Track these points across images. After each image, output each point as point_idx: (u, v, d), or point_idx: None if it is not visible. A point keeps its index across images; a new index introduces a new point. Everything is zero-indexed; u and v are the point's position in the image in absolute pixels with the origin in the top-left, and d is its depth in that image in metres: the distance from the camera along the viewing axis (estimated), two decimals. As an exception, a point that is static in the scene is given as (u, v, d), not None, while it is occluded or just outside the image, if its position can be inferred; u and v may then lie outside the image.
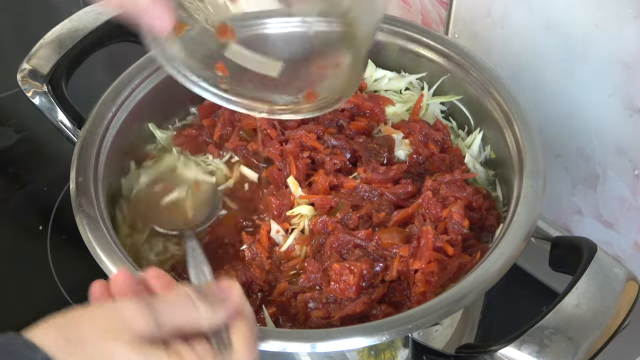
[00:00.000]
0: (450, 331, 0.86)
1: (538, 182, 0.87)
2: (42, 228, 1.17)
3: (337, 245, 0.88)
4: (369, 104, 1.03)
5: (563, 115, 1.05)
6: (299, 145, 0.98)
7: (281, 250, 0.91)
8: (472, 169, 0.99)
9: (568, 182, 1.11)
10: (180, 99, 1.10)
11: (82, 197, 0.87)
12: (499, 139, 0.97)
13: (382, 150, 0.98)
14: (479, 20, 1.08)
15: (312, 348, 0.74)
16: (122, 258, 0.82)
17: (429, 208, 0.90)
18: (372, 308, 0.83)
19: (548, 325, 0.76)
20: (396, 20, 1.07)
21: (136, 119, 1.02)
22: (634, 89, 0.94)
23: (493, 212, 0.94)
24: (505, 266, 0.80)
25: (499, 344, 0.76)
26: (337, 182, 0.95)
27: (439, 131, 1.00)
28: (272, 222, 0.93)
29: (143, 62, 1.03)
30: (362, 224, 0.91)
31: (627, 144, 1.00)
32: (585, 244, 0.83)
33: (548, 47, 1.01)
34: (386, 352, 0.81)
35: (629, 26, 0.90)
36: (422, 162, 0.98)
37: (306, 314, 0.85)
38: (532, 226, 0.83)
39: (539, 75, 1.05)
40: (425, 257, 0.84)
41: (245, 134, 1.02)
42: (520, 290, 1.10)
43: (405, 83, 1.09)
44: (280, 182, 0.97)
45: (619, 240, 1.09)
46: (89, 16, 1.06)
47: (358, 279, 0.84)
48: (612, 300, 0.77)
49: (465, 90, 1.03)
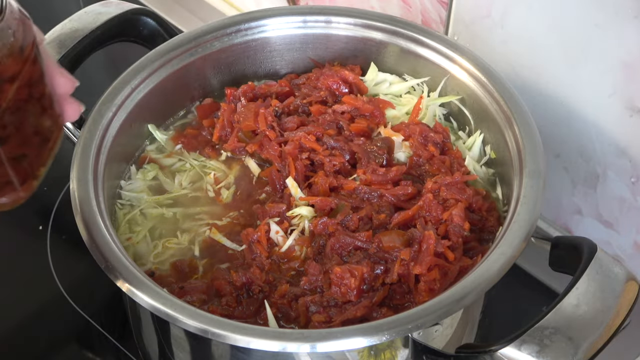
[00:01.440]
0: (450, 331, 0.86)
1: (538, 182, 0.87)
2: (42, 228, 1.17)
3: (338, 247, 0.88)
4: (368, 106, 1.03)
5: (563, 115, 1.05)
6: (298, 146, 0.98)
7: (281, 250, 0.91)
8: (472, 171, 0.98)
9: (568, 182, 1.11)
10: (180, 98, 1.10)
11: (82, 197, 0.87)
12: (499, 139, 0.97)
13: (381, 152, 0.98)
14: (479, 21, 1.08)
15: (312, 348, 0.74)
16: (122, 258, 0.82)
17: (430, 210, 0.90)
18: (373, 311, 0.83)
19: (548, 325, 0.76)
20: (396, 20, 1.07)
21: (136, 119, 1.02)
22: (634, 89, 0.94)
23: (493, 213, 0.94)
24: (505, 266, 0.80)
25: (499, 344, 0.76)
26: (336, 183, 0.95)
27: (438, 133, 1.00)
28: (272, 222, 0.93)
29: (143, 62, 1.03)
30: (362, 225, 0.91)
31: (627, 144, 1.00)
32: (585, 244, 0.83)
33: (548, 47, 1.01)
34: (386, 352, 0.81)
35: (629, 26, 0.90)
36: (422, 164, 0.98)
37: (307, 317, 0.85)
38: (532, 226, 0.83)
39: (539, 75, 1.05)
40: (426, 262, 0.84)
41: (244, 135, 1.02)
42: (520, 290, 1.10)
43: (406, 88, 1.09)
44: (278, 184, 0.97)
45: (619, 240, 1.09)
46: (89, 16, 1.06)
47: (359, 282, 0.84)
48: (612, 300, 0.78)
49: (465, 91, 1.03)
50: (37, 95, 0.67)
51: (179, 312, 0.77)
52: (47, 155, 0.72)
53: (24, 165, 0.70)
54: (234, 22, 1.08)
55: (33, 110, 0.68)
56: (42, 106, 0.69)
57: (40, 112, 0.69)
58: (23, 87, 0.65)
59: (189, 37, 1.06)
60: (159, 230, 0.97)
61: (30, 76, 0.65)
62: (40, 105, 0.68)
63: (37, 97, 0.67)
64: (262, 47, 1.11)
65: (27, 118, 0.67)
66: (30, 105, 0.67)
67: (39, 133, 0.70)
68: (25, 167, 0.70)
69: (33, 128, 0.69)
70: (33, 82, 0.66)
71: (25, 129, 0.67)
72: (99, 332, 1.06)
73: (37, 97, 0.67)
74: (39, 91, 0.67)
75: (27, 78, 0.65)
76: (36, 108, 0.68)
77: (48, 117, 0.70)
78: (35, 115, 0.68)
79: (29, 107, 0.67)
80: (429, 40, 1.05)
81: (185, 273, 0.92)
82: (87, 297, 1.09)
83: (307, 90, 1.07)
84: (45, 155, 0.72)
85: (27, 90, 0.66)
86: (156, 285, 0.81)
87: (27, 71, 0.65)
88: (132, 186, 1.01)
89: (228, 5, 1.56)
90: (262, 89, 1.08)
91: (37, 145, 0.70)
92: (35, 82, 0.66)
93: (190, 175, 1.03)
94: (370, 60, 1.10)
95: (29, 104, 0.67)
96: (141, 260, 0.93)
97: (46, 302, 1.09)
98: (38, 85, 0.67)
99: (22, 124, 0.67)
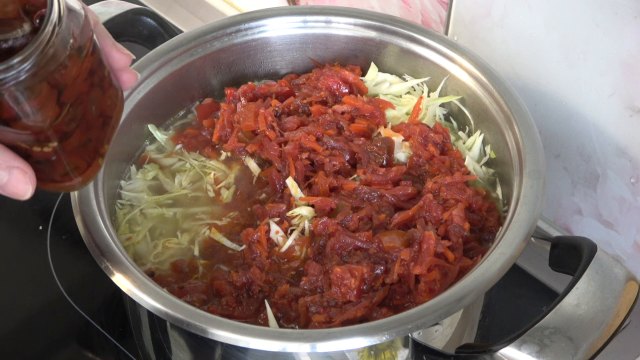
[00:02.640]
0: (450, 331, 0.86)
1: (538, 182, 0.87)
2: (42, 228, 1.17)
3: (338, 248, 0.88)
4: (368, 107, 1.03)
5: (563, 115, 1.05)
6: (298, 146, 0.98)
7: (281, 250, 0.91)
8: (472, 171, 0.98)
9: (568, 182, 1.11)
10: (180, 98, 1.10)
11: (82, 197, 0.87)
12: (499, 139, 0.97)
13: (381, 152, 0.98)
14: (479, 21, 1.08)
15: (312, 348, 0.74)
16: (122, 258, 0.82)
17: (430, 210, 0.90)
18: (373, 312, 0.83)
19: (548, 325, 0.76)
20: (396, 20, 1.07)
21: (136, 119, 1.02)
22: (634, 89, 0.94)
23: (493, 214, 0.94)
24: (505, 266, 0.80)
25: (499, 344, 0.76)
26: (336, 183, 0.95)
27: (438, 134, 1.00)
28: (272, 222, 0.93)
29: (143, 62, 1.03)
30: (362, 225, 0.91)
31: (627, 144, 1.00)
32: (585, 244, 0.83)
33: (548, 46, 1.01)
34: (386, 352, 0.81)
35: (629, 26, 0.90)
36: (422, 164, 0.98)
37: (307, 317, 0.85)
38: (532, 226, 0.83)
39: (539, 75, 1.05)
40: (426, 262, 0.84)
41: (244, 135, 1.02)
42: (520, 290, 1.10)
43: (406, 88, 1.09)
44: (278, 184, 0.97)
45: (619, 240, 1.09)
46: (89, 16, 1.06)
47: (359, 283, 0.84)
48: (612, 300, 0.78)
49: (465, 91, 1.03)
50: (97, 81, 0.66)
51: (179, 312, 0.77)
52: (111, 132, 0.71)
53: (90, 148, 0.69)
54: (234, 22, 1.08)
55: (95, 97, 0.67)
56: (102, 89, 0.68)
57: (101, 96, 0.68)
58: (85, 80, 0.64)
59: (189, 37, 1.06)
60: (159, 230, 0.97)
61: (90, 67, 0.65)
62: (101, 88, 0.67)
63: (97, 83, 0.67)
64: (262, 47, 1.11)
65: (90, 106, 0.67)
66: (92, 93, 0.66)
67: (102, 115, 0.69)
68: (91, 150, 0.69)
69: (97, 113, 0.68)
70: (93, 71, 0.66)
71: (89, 116, 0.67)
72: (99, 332, 1.06)
73: (97, 82, 0.66)
74: (98, 76, 0.66)
75: (87, 71, 0.65)
76: (98, 93, 0.67)
77: (108, 97, 0.69)
78: (97, 100, 0.67)
79: (91, 95, 0.66)
80: (429, 40, 1.05)
81: (185, 273, 0.92)
82: (87, 297, 1.09)
83: (307, 91, 1.07)
84: (109, 132, 0.71)
85: (89, 81, 0.65)
86: (156, 285, 0.81)
87: (86, 64, 0.64)
88: (132, 186, 1.01)
89: (228, 5, 1.56)
90: (262, 89, 1.08)
91: (101, 126, 0.69)
92: (95, 70, 0.66)
93: (190, 175, 1.03)
94: (370, 60, 1.10)
95: (91, 92, 0.66)
96: (141, 260, 0.93)
97: (46, 302, 1.09)
98: (97, 71, 0.66)
99: (86, 114, 0.66)
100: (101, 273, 0.82)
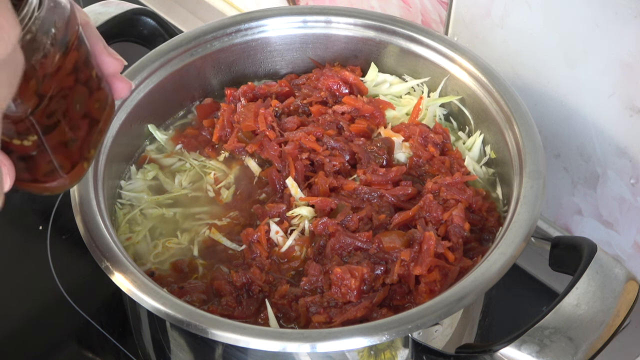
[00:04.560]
0: (450, 331, 0.86)
1: (538, 182, 0.87)
2: (42, 228, 1.17)
3: (338, 248, 0.88)
4: (369, 107, 1.03)
5: (563, 115, 1.05)
6: (298, 146, 0.98)
7: (281, 250, 0.91)
8: (472, 171, 0.98)
9: (568, 182, 1.11)
10: (180, 98, 1.10)
11: (82, 197, 0.87)
12: (499, 139, 0.97)
13: (381, 153, 0.98)
14: (479, 21, 1.08)
15: (312, 348, 0.74)
16: (122, 258, 0.82)
17: (430, 211, 0.90)
18: (373, 312, 0.83)
19: (548, 325, 0.76)
20: (396, 20, 1.07)
21: (136, 119, 1.02)
22: (634, 89, 0.94)
23: (493, 214, 0.94)
24: (505, 266, 0.80)
25: (499, 344, 0.76)
26: (336, 184, 0.95)
27: (438, 134, 1.00)
28: (272, 222, 0.93)
29: (143, 62, 1.03)
30: (363, 226, 0.91)
31: (627, 144, 1.00)
32: (585, 244, 0.83)
33: (548, 46, 1.01)
34: (386, 352, 0.81)
35: (629, 26, 0.90)
36: (422, 164, 0.98)
37: (307, 317, 0.85)
38: (532, 226, 0.83)
39: (539, 75, 1.05)
40: (427, 263, 0.84)
41: (244, 135, 1.02)
42: (520, 290, 1.10)
43: (406, 88, 1.09)
44: (278, 184, 0.97)
45: (619, 240, 1.09)
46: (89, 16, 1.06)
47: (359, 283, 0.84)
48: (612, 300, 0.78)
49: (465, 91, 1.03)
50: (84, 79, 0.66)
51: (179, 312, 0.77)
52: (98, 137, 0.71)
53: (74, 149, 0.69)
54: (234, 22, 1.08)
55: (80, 95, 0.66)
56: (89, 89, 0.67)
57: (88, 96, 0.67)
58: (68, 75, 0.64)
59: (189, 37, 1.06)
60: (159, 230, 0.97)
61: (74, 63, 0.65)
62: (87, 88, 0.67)
63: (83, 81, 0.66)
64: (262, 47, 1.11)
65: (74, 103, 0.66)
66: (77, 91, 0.66)
67: (87, 116, 0.68)
68: (75, 151, 0.69)
69: (81, 112, 0.68)
70: (78, 68, 0.65)
71: (73, 114, 0.66)
72: (99, 332, 1.06)
73: (83, 81, 0.66)
74: (85, 75, 0.66)
75: (71, 65, 0.64)
76: (83, 92, 0.67)
77: (96, 99, 0.69)
78: (83, 99, 0.67)
79: (76, 92, 0.65)
80: (428, 40, 1.05)
81: (185, 273, 0.92)
82: (87, 297, 1.09)
83: (307, 91, 1.07)
84: (95, 137, 0.71)
85: (73, 76, 0.65)
86: (156, 285, 0.81)
87: (70, 59, 0.64)
88: (132, 186, 1.01)
89: (228, 5, 1.56)
90: (262, 89, 1.08)
91: (87, 128, 0.69)
92: (80, 67, 0.65)
93: (190, 175, 1.03)
94: (371, 60, 1.10)
95: (75, 89, 0.65)
96: (141, 260, 0.93)
97: (46, 302, 1.09)
98: (84, 69, 0.66)
99: (69, 110, 0.66)
100: (101, 273, 0.82)
